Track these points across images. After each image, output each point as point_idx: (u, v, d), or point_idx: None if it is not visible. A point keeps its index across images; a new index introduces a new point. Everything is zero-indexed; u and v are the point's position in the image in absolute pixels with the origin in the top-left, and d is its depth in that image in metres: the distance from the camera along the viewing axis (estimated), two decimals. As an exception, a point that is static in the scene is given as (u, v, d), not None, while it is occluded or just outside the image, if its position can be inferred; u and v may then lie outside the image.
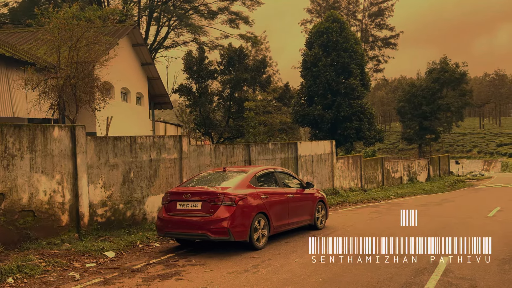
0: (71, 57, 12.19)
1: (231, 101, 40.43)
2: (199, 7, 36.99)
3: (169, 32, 37.32)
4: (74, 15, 12.47)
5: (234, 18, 37.38)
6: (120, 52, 17.83)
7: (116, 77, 18.60)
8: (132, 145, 10.61)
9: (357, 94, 29.25)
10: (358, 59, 29.91)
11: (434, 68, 42.17)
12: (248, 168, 9.96)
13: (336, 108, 29.03)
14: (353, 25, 69.03)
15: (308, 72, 30.20)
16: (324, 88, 29.20)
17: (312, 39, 30.51)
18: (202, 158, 12.91)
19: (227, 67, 40.13)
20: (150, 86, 24.70)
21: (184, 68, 38.96)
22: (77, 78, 12.05)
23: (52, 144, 8.82)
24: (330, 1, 69.41)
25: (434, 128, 41.10)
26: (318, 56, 29.32)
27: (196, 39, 38.09)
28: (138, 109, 22.91)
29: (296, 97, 32.23)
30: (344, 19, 31.59)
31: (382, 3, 68.99)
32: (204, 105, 40.05)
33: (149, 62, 23.50)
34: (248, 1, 36.42)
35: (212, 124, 40.97)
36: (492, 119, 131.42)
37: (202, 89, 39.51)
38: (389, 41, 68.77)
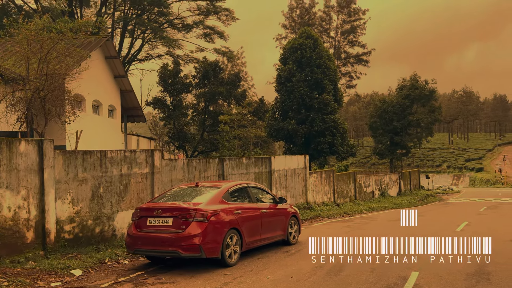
0: (40, 69, 11.93)
1: (206, 115, 40.35)
2: (174, 21, 36.98)
3: (144, 45, 37.12)
4: (45, 26, 12.24)
5: (209, 33, 37.53)
6: (93, 64, 17.58)
7: (88, 89, 18.29)
8: (102, 160, 10.40)
9: (330, 109, 29.67)
10: (331, 75, 30.42)
11: (404, 85, 43.37)
12: (221, 183, 9.90)
13: (309, 123, 29.35)
14: (326, 41, 70.45)
15: (282, 87, 30.50)
16: (298, 103, 29.53)
17: (286, 55, 30.90)
18: (175, 173, 12.77)
19: (202, 81, 40.12)
20: (123, 99, 24.38)
21: (159, 81, 38.73)
22: (47, 91, 11.77)
23: (18, 159, 8.55)
24: (304, 18, 70.69)
25: (405, 144, 42.08)
26: (292, 72, 29.69)
27: (171, 52, 38.01)
28: (110, 122, 22.54)
29: (271, 112, 32.42)
30: (318, 36, 32.16)
31: (355, 21, 70.74)
32: (179, 118, 39.82)
33: (122, 75, 23.24)
34: (223, 16, 36.66)
35: (187, 137, 40.72)
36: (460, 134, 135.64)
37: (176, 102, 39.31)
38: (361, 58, 70.42)
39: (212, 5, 36.12)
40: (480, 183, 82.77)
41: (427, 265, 8.23)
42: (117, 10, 36.19)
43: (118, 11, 36.27)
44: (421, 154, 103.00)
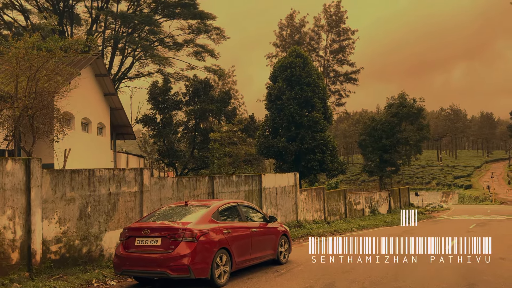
0: (29, 87, 11.87)
1: (196, 132, 40.29)
2: (164, 39, 37.21)
3: (134, 63, 37.23)
4: (35, 45, 12.23)
5: (200, 51, 37.80)
6: (82, 82, 17.56)
7: (77, 107, 18.21)
8: (91, 178, 10.29)
9: (320, 127, 29.89)
10: (321, 93, 30.74)
11: (393, 103, 43.98)
12: (210, 202, 9.83)
13: (299, 140, 29.49)
14: (315, 60, 71.28)
15: (272, 105, 30.71)
16: (288, 121, 29.71)
17: (276, 73, 31.22)
18: (164, 191, 12.67)
19: (192, 98, 40.19)
20: (112, 117, 24.31)
21: (149, 99, 38.69)
22: (35, 109, 11.69)
23: (4, 178, 8.42)
24: (295, 37, 71.62)
25: (394, 161, 42.43)
26: (282, 90, 29.95)
27: (161, 70, 38.14)
28: (99, 140, 22.39)
29: (261, 129, 32.57)
30: (307, 55, 32.59)
31: (344, 41, 71.81)
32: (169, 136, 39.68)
33: (112, 93, 23.23)
34: (214, 35, 37.02)
35: (176, 155, 40.54)
36: (449, 151, 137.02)
37: (166, 120, 39.23)
38: (350, 76, 71.29)
39: (203, 24, 36.48)
40: (469, 200, 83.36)
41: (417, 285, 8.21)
42: (108, 29, 36.40)
43: (108, 29, 36.47)
44: (410, 171, 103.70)
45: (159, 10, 36.35)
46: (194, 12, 35.54)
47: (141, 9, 36.44)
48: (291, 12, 73.43)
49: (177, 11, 36.09)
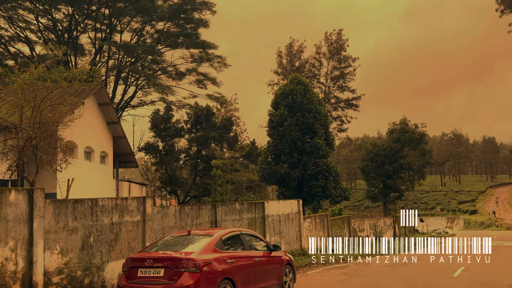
0: (33, 117, 11.98)
1: (198, 159, 40.36)
2: (167, 68, 37.77)
3: (137, 92, 37.67)
4: (40, 75, 12.42)
5: (202, 79, 38.30)
6: (86, 111, 17.72)
7: (80, 136, 18.32)
8: (93, 208, 10.24)
9: (322, 153, 29.86)
10: (322, 120, 30.87)
11: (394, 128, 44.11)
12: (213, 231, 9.74)
13: (302, 166, 29.42)
14: (316, 87, 71.99)
15: (274, 132, 30.80)
16: (290, 147, 29.72)
17: (278, 100, 31.44)
18: (167, 220, 12.58)
19: (194, 126, 40.44)
20: (115, 145, 24.39)
21: (151, 127, 38.97)
22: (39, 139, 11.76)
23: (7, 209, 8.40)
24: (295, 64, 72.60)
25: (398, 187, 42.21)
26: (284, 116, 30.10)
27: (164, 98, 38.54)
28: (101, 168, 22.41)
29: (263, 155, 32.56)
30: (308, 82, 32.92)
31: (344, 68, 72.67)
32: (171, 163, 39.73)
33: (115, 121, 23.39)
34: (215, 63, 37.57)
35: (179, 182, 40.47)
36: (452, 176, 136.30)
37: (168, 147, 39.38)
38: (351, 102, 71.80)
39: (205, 53, 37.09)
40: (474, 225, 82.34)
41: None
42: (111, 58, 37.00)
43: (112, 59, 37.05)
44: (414, 197, 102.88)
45: (161, 40, 37.05)
46: (196, 42, 36.19)
47: (144, 39, 37.16)
48: (290, 41, 74.77)
49: (179, 41, 36.78)
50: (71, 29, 35.18)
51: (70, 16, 34.86)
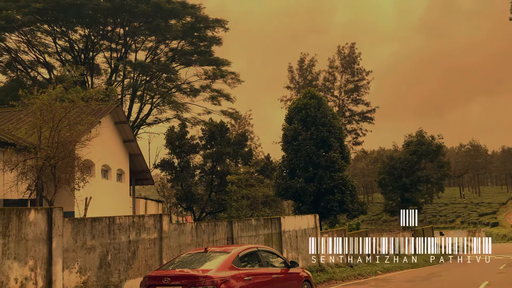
0: (52, 137, 12.20)
1: (213, 175, 40.43)
2: (181, 85, 38.23)
3: (152, 109, 38.13)
4: (58, 96, 12.69)
5: (216, 95, 38.64)
6: (102, 130, 17.99)
7: (97, 155, 18.55)
8: (111, 226, 10.30)
9: (337, 166, 29.63)
10: (337, 133, 30.71)
11: (411, 140, 43.63)
12: (230, 248, 9.68)
13: (318, 180, 29.20)
14: (330, 100, 71.83)
15: (289, 146, 30.73)
16: (305, 161, 29.57)
17: (291, 115, 31.44)
18: (183, 237, 12.57)
19: (209, 141, 40.61)
20: (131, 162, 24.63)
21: (166, 143, 39.25)
22: (57, 158, 11.95)
23: (27, 228, 8.50)
24: (307, 77, 72.74)
25: (416, 200, 41.54)
26: (298, 131, 30.04)
27: (178, 115, 38.94)
28: (118, 186, 22.60)
29: (278, 170, 32.43)
30: (321, 95, 32.90)
31: (358, 81, 72.49)
32: (186, 179, 39.84)
33: (131, 139, 23.67)
34: (229, 80, 37.88)
35: (194, 199, 40.51)
36: (471, 188, 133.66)
37: (184, 164, 39.56)
38: (365, 115, 71.36)
39: (219, 69, 37.48)
40: (496, 238, 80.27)
41: None
42: (127, 77, 37.63)
43: (127, 78, 37.69)
44: (433, 209, 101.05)
45: (176, 58, 37.61)
46: (209, 59, 36.64)
47: (158, 57, 37.78)
48: (301, 56, 75.05)
49: (193, 59, 37.27)
50: (87, 49, 36.00)
51: (86, 37, 35.71)
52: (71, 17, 33.40)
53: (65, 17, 33.04)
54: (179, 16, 34.89)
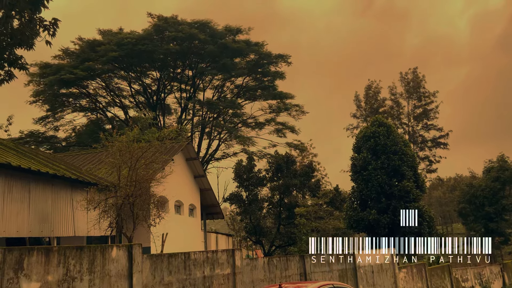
0: (130, 176, 12.87)
1: (281, 207, 40.21)
2: (247, 120, 39.05)
3: (220, 145, 39.20)
4: (135, 137, 13.47)
5: (280, 128, 38.94)
6: (175, 167, 18.70)
7: (171, 191, 19.23)
8: (186, 262, 10.48)
9: (412, 196, 28.19)
10: (409, 161, 29.39)
11: (492, 166, 40.56)
12: (304, 284, 9.42)
13: (391, 212, 27.90)
14: (399, 127, 69.35)
15: (358, 176, 29.83)
16: (376, 192, 28.49)
17: (359, 144, 30.68)
18: (256, 272, 12.45)
19: (275, 174, 40.67)
20: (202, 197, 25.23)
21: (234, 177, 39.87)
22: (135, 196, 12.55)
23: (110, 265, 8.88)
24: (374, 105, 71.06)
25: (502, 230, 38.10)
26: (367, 160, 29.16)
27: (245, 149, 39.65)
28: (190, 221, 23.16)
29: (348, 201, 31.45)
30: (391, 123, 31.87)
31: (426, 105, 69.54)
32: (255, 212, 39.95)
33: (202, 174, 24.34)
34: (293, 112, 38.11)
35: (263, 232, 40.39)
36: None
37: (252, 197, 39.81)
38: (438, 141, 67.79)
39: (283, 103, 37.92)
40: None
41: None
42: (196, 115, 39.22)
43: (196, 116, 39.28)
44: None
45: (241, 94, 38.71)
46: (273, 93, 37.28)
47: (224, 95, 39.12)
48: (368, 83, 73.69)
49: (257, 94, 38.14)
50: (159, 91, 38.22)
51: (158, 80, 38.01)
52: (144, 62, 35.84)
53: (139, 62, 35.52)
54: (244, 54, 36.13)
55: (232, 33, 35.60)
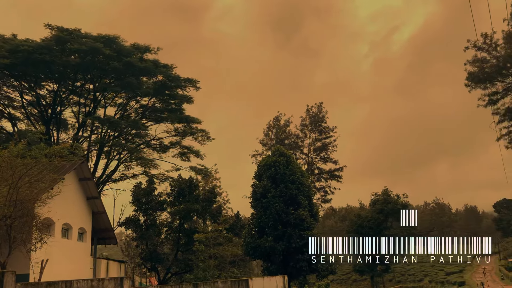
0: (10, 194, 11.66)
1: (181, 233, 39.33)
2: (150, 142, 38.00)
3: (119, 165, 37.42)
4: (19, 153, 12.29)
5: (185, 152, 38.48)
6: (66, 187, 17.37)
7: (59, 213, 17.75)
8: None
9: (306, 224, 29.43)
10: (306, 191, 30.82)
11: (377, 199, 44.31)
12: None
13: (287, 239, 28.79)
14: (300, 158, 72.87)
15: (258, 203, 30.46)
16: (274, 219, 29.26)
17: (261, 172, 31.51)
18: (146, 302, 11.90)
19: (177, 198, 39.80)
20: (94, 221, 23.65)
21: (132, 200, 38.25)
22: (14, 217, 11.35)
23: (-28, 295, 7.85)
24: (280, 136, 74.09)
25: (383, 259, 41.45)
26: (267, 188, 29.99)
27: (146, 171, 38.30)
28: (79, 246, 21.51)
29: (247, 228, 31.83)
30: (290, 153, 33.30)
31: (325, 139, 74.28)
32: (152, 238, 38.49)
33: (95, 196, 22.91)
34: (199, 137, 38.00)
35: (159, 258, 38.99)
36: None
37: (150, 221, 38.41)
38: (334, 173, 72.40)
39: (189, 127, 37.66)
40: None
41: None
42: (94, 133, 37.14)
43: (95, 134, 37.20)
44: (401, 268, 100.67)
45: (146, 114, 37.66)
46: (180, 117, 36.89)
47: (128, 113, 37.71)
48: (277, 115, 77.14)
49: (164, 116, 37.43)
50: (55, 104, 35.60)
51: (54, 92, 35.42)
52: (40, 73, 33.28)
53: (34, 72, 32.88)
54: (151, 74, 35.40)
55: (140, 51, 34.76)
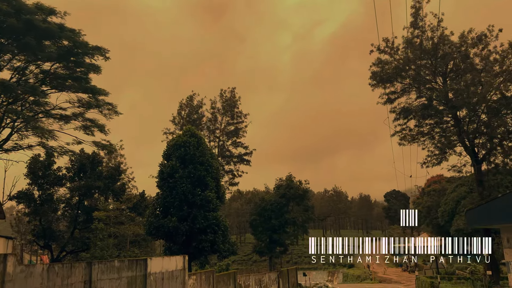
0: None
1: (79, 210, 37.52)
2: (51, 111, 35.20)
3: (12, 134, 34.17)
4: None
5: (89, 125, 36.29)
6: None
7: None
8: None
9: (212, 206, 29.72)
10: (214, 173, 31.01)
11: (281, 184, 46.12)
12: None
13: (191, 220, 28.84)
14: (212, 140, 73.12)
15: (164, 183, 29.98)
16: (180, 200, 29.08)
17: (170, 151, 30.96)
18: (31, 281, 11.14)
19: (77, 174, 37.77)
20: (-22, 193, 21.49)
21: (27, 173, 35.57)
22: None
23: None
24: (193, 116, 73.24)
25: (283, 241, 43.53)
26: (175, 168, 29.62)
27: (43, 143, 35.47)
28: (-43, 220, 19.42)
29: (151, 208, 31.20)
30: (201, 135, 33.12)
31: (237, 124, 75.25)
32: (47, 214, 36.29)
33: (-18, 166, 20.78)
34: (105, 110, 36.06)
35: (54, 236, 36.90)
36: (333, 231, 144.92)
37: (46, 196, 36.12)
38: (243, 157, 73.81)
39: (95, 98, 35.52)
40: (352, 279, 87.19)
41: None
42: (-15, 96, 33.43)
43: (-14, 97, 33.50)
44: (299, 250, 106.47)
45: (47, 81, 34.70)
46: (85, 86, 34.57)
47: (26, 78, 34.45)
48: (191, 94, 76.01)
49: (67, 84, 34.80)
50: None
51: None
52: None
53: None
54: (55, 38, 32.58)
55: (44, 12, 31.70)
